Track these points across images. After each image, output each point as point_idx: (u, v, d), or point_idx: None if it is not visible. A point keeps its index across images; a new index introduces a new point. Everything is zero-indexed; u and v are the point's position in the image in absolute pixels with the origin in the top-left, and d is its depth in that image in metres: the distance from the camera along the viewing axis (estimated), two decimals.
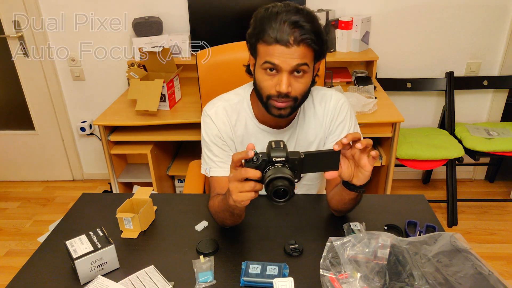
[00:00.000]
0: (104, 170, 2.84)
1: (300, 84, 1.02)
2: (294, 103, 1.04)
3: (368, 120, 1.89)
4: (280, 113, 1.05)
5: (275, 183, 0.80)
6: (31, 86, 2.56)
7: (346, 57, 2.24)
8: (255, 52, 1.04)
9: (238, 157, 0.84)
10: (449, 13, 2.27)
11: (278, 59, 0.98)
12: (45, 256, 1.05)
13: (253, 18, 1.04)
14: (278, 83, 1.00)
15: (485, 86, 2.39)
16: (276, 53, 0.97)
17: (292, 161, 0.84)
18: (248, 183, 0.83)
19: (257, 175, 0.83)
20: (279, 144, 0.85)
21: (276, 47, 0.97)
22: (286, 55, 0.97)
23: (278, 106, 1.04)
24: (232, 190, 0.85)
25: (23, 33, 2.39)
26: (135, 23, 2.20)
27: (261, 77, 1.03)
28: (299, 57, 0.98)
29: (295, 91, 1.02)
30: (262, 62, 1.01)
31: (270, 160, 0.83)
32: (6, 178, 2.90)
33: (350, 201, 1.03)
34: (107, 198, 1.30)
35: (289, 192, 0.81)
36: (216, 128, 1.16)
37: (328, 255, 0.90)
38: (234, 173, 0.85)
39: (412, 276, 0.85)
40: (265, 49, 0.99)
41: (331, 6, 2.27)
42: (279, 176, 0.80)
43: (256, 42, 1.02)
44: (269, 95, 1.03)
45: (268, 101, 1.04)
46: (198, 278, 0.94)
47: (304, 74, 1.02)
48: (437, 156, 2.13)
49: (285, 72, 0.99)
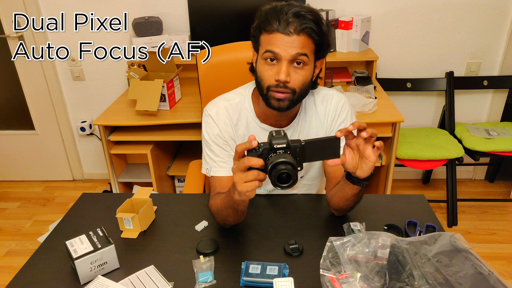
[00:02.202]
0: (104, 170, 2.84)
1: (299, 75, 1.03)
2: (292, 95, 1.04)
3: (368, 120, 1.89)
4: (279, 104, 1.05)
5: (278, 167, 0.81)
6: (31, 86, 2.56)
7: (346, 57, 2.24)
8: (258, 43, 1.06)
9: (242, 148, 0.85)
10: (449, 13, 2.27)
11: (278, 47, 0.99)
12: (45, 256, 1.05)
13: (257, 13, 1.06)
14: (277, 72, 1.01)
15: (485, 86, 2.39)
16: (277, 41, 0.99)
17: (293, 148, 0.86)
18: (251, 172, 0.84)
19: (260, 163, 0.84)
20: (279, 133, 0.86)
21: (276, 35, 0.99)
22: (286, 43, 0.99)
23: (277, 97, 1.04)
24: (236, 181, 0.86)
25: (23, 33, 2.39)
26: (135, 23, 2.20)
27: (262, 67, 1.05)
28: (299, 46, 0.99)
29: (293, 82, 1.03)
30: (263, 52, 1.03)
31: (272, 147, 0.85)
32: (6, 178, 2.90)
33: (352, 197, 1.03)
34: (107, 198, 1.30)
35: (293, 176, 0.82)
36: (218, 127, 1.16)
37: (328, 255, 0.90)
38: (237, 163, 0.86)
39: (412, 276, 0.85)
40: (267, 38, 1.02)
41: (331, 6, 2.27)
42: (281, 160, 0.82)
43: (259, 33, 1.04)
44: (269, 86, 1.04)
45: (268, 92, 1.05)
46: (198, 278, 0.94)
47: (303, 66, 1.03)
48: (437, 156, 2.13)
49: (285, 60, 1.00)
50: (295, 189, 1.31)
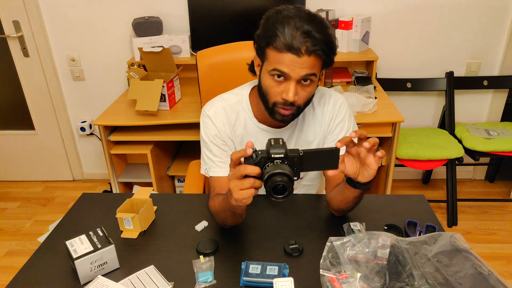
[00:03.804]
0: (104, 170, 2.84)
1: (305, 92, 1.02)
2: (297, 110, 1.05)
3: (368, 120, 1.89)
4: (283, 119, 1.06)
5: (274, 178, 0.80)
6: (31, 86, 2.56)
7: (346, 57, 2.24)
8: (264, 55, 1.02)
9: (237, 156, 0.84)
10: (449, 13, 2.27)
11: (287, 67, 0.97)
12: (45, 256, 1.05)
13: (263, 19, 1.01)
14: (285, 91, 1.00)
15: (485, 86, 2.39)
16: (286, 61, 0.96)
17: (291, 158, 0.84)
18: (247, 180, 0.83)
19: (256, 171, 0.83)
20: (278, 141, 0.85)
21: (287, 55, 0.96)
22: (296, 64, 0.96)
23: (283, 114, 1.04)
24: (232, 188, 0.85)
25: (23, 33, 2.39)
26: (135, 23, 2.20)
27: (268, 83, 1.02)
28: (309, 67, 0.97)
29: (300, 99, 1.02)
30: (271, 69, 0.99)
31: (269, 156, 0.83)
32: (6, 178, 2.90)
33: (353, 199, 1.03)
34: (107, 198, 1.30)
35: (288, 188, 0.81)
36: (215, 128, 1.16)
37: (328, 255, 0.90)
38: (233, 171, 0.85)
39: (412, 276, 0.85)
40: (275, 56, 0.98)
41: (331, 6, 2.27)
42: (278, 172, 0.80)
43: (266, 47, 1.00)
44: (275, 102, 1.03)
45: (274, 108, 1.05)
46: (198, 278, 0.94)
47: (311, 83, 1.02)
48: (437, 156, 2.13)
49: (293, 80, 0.98)
50: (295, 189, 1.30)
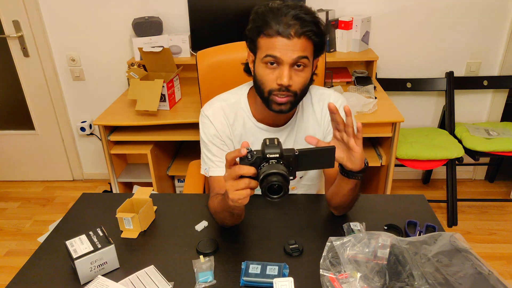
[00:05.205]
0: (104, 170, 2.84)
1: (300, 78, 1.03)
2: (294, 98, 1.05)
3: (368, 120, 1.89)
4: (281, 108, 1.06)
5: (270, 178, 0.80)
6: (31, 86, 2.56)
7: (346, 57, 2.24)
8: (255, 46, 1.05)
9: (232, 156, 0.84)
10: (449, 13, 2.27)
11: (279, 51, 0.99)
12: (45, 256, 1.05)
13: (252, 14, 1.05)
14: (279, 76, 1.01)
15: (485, 86, 2.39)
16: (278, 46, 0.99)
17: (286, 158, 0.84)
18: (243, 180, 0.83)
19: (251, 171, 0.83)
20: (273, 141, 0.85)
21: (277, 39, 0.99)
22: (288, 47, 0.98)
23: (279, 101, 1.04)
24: (228, 189, 0.85)
25: (23, 33, 2.39)
26: (135, 23, 2.20)
27: (262, 71, 1.04)
28: (300, 49, 0.99)
29: (295, 85, 1.03)
30: (263, 56, 1.02)
31: (265, 156, 0.83)
32: (6, 178, 2.90)
33: (349, 192, 1.03)
34: (107, 198, 1.30)
35: (284, 188, 0.81)
36: (214, 128, 1.16)
37: (328, 255, 0.90)
38: (229, 171, 0.85)
39: (412, 276, 0.85)
40: (267, 42, 1.01)
41: (331, 6, 2.27)
42: (273, 172, 0.80)
43: (257, 36, 1.03)
44: (270, 90, 1.04)
45: (270, 96, 1.05)
46: (198, 278, 0.94)
47: (304, 68, 1.03)
48: (437, 156, 2.13)
49: (286, 64, 1.00)
50: (295, 189, 1.31)
